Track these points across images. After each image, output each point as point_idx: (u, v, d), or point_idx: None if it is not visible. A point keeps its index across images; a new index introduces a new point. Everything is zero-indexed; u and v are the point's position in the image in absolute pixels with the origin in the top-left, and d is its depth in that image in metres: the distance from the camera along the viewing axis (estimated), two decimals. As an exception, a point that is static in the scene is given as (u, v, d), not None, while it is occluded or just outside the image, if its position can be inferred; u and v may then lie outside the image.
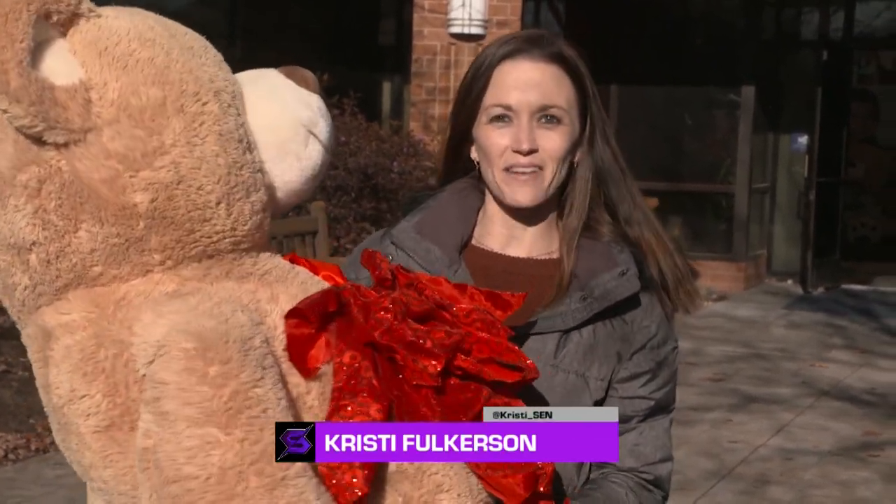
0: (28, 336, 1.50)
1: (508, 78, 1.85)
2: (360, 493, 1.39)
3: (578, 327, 1.84)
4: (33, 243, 1.43)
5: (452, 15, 10.18)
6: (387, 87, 12.55)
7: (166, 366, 1.33)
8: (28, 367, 6.14)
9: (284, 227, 6.50)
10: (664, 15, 12.22)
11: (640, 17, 11.96)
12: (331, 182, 8.51)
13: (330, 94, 9.20)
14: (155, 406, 1.33)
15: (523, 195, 1.85)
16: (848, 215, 13.48)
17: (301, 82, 1.59)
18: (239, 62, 1.65)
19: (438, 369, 1.45)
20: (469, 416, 1.45)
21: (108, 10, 1.49)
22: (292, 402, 1.43)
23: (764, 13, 12.02)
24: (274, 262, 1.56)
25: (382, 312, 1.49)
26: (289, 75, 1.60)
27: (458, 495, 1.50)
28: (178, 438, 1.32)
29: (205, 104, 1.46)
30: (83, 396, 1.41)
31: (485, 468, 1.50)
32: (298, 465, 1.35)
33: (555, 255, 1.90)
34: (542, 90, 1.84)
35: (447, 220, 1.93)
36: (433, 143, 9.82)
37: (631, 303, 1.86)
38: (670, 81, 11.95)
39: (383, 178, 8.89)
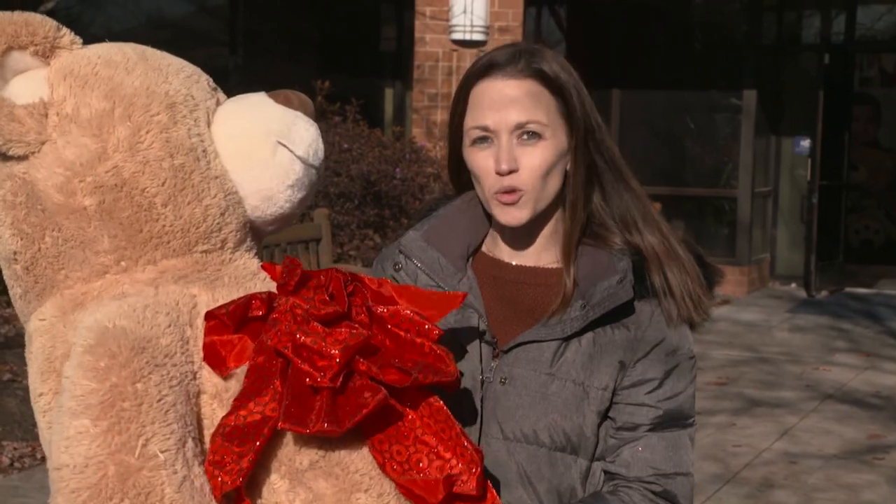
0: (26, 342, 1.63)
1: (484, 98, 1.84)
2: (229, 488, 1.45)
3: (577, 335, 1.83)
4: (15, 253, 1.58)
5: (454, 21, 10.20)
6: (389, 94, 12.56)
7: (70, 361, 1.44)
8: (33, 376, 5.91)
9: (288, 235, 6.51)
10: (666, 20, 12.23)
11: (642, 22, 11.97)
12: (334, 189, 8.52)
13: (332, 101, 9.21)
14: (58, 399, 1.45)
15: (511, 217, 1.83)
16: (851, 218, 13.47)
17: (283, 101, 1.67)
18: (240, 70, 1.68)
19: (332, 372, 1.47)
20: (357, 418, 1.47)
21: (95, 45, 1.63)
22: (211, 398, 1.51)
23: (765, 17, 12.03)
24: (234, 269, 1.64)
25: (277, 315, 1.53)
26: (273, 96, 1.68)
27: (379, 495, 1.54)
28: (62, 429, 1.42)
29: (154, 115, 1.58)
30: (40, 395, 1.54)
31: (401, 471, 1.52)
32: (162, 457, 1.42)
33: (557, 264, 1.89)
34: (518, 107, 1.81)
35: (455, 229, 1.94)
36: (435, 150, 9.83)
37: (631, 310, 1.84)
38: (672, 86, 11.95)
39: (386, 185, 8.90)
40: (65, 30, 1.60)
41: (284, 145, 1.65)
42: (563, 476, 1.81)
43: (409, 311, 1.59)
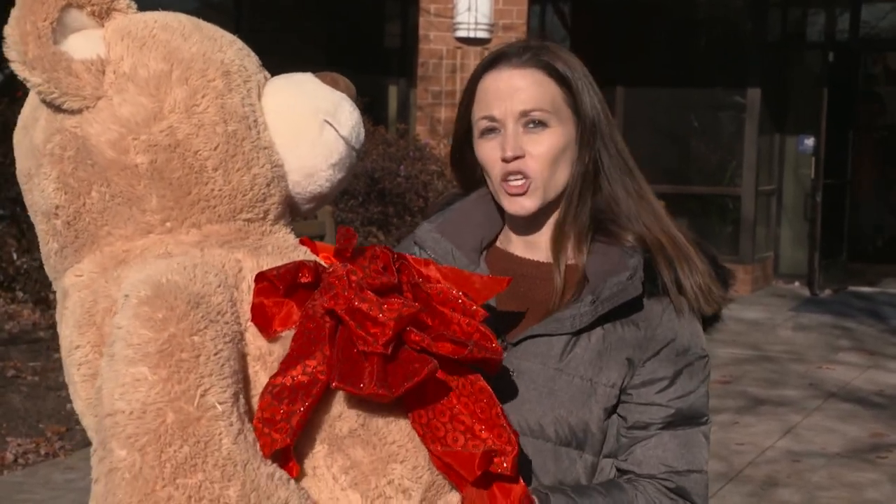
0: (57, 299, 1.64)
1: (490, 89, 1.86)
2: (280, 446, 1.47)
3: (587, 330, 1.83)
4: (57, 207, 1.59)
5: (458, 19, 10.20)
6: (393, 91, 12.57)
7: (123, 312, 1.45)
8: (37, 372, 6.19)
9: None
10: (669, 17, 12.22)
11: (646, 19, 11.97)
12: (337, 186, 8.52)
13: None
14: (108, 349, 1.45)
15: (519, 206, 1.85)
16: (855, 217, 13.47)
17: (330, 83, 1.70)
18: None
19: (385, 339, 1.49)
20: (408, 386, 1.48)
21: (149, 11, 1.66)
22: (255, 360, 1.53)
23: (770, 15, 12.02)
24: (276, 239, 1.66)
25: (334, 279, 1.54)
26: (320, 76, 1.71)
27: (414, 467, 1.56)
28: (117, 376, 1.42)
29: (210, 80, 1.60)
30: (77, 347, 1.54)
31: (440, 444, 1.53)
32: (220, 409, 1.43)
33: (571, 261, 1.90)
34: (523, 96, 1.84)
35: (469, 222, 1.96)
36: (439, 147, 9.83)
37: (641, 307, 1.84)
38: (676, 83, 11.95)
39: (390, 182, 8.91)
40: None
41: (331, 124, 1.67)
42: (568, 471, 1.82)
43: (455, 291, 1.61)
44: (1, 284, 8.51)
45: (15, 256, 8.39)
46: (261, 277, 1.53)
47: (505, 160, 1.83)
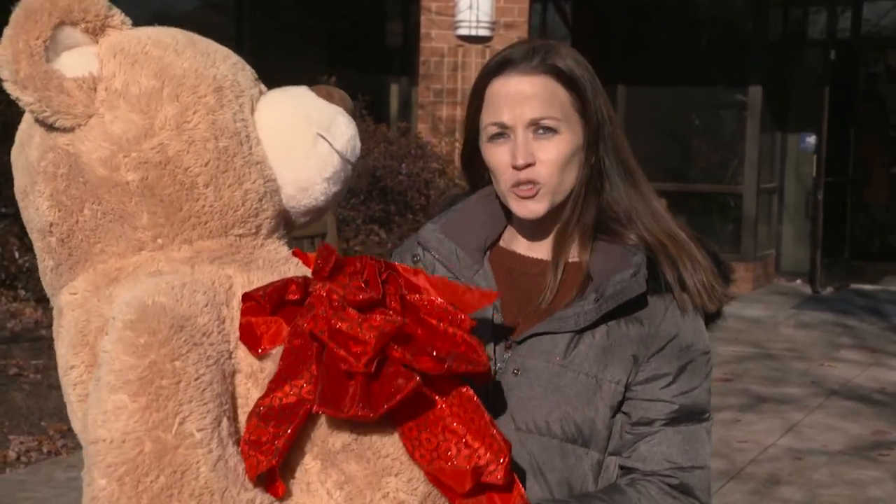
0: (53, 316, 1.65)
1: (499, 95, 1.86)
2: (265, 468, 1.47)
3: (591, 328, 1.84)
4: (51, 224, 1.59)
5: (460, 17, 10.20)
6: (394, 90, 12.56)
7: (109, 335, 1.45)
8: (39, 370, 6.19)
9: (294, 230, 6.51)
10: (671, 16, 12.23)
11: (648, 17, 11.97)
12: (339, 184, 8.52)
13: (338, 97, 9.21)
14: (96, 372, 1.46)
15: (528, 210, 1.86)
16: (856, 215, 13.47)
17: (325, 96, 1.71)
18: (246, 65, 1.70)
19: (367, 357, 1.48)
20: (391, 404, 1.48)
21: (144, 27, 1.65)
22: (247, 377, 1.52)
23: (771, 13, 12.02)
24: (267, 253, 1.65)
25: (313, 299, 1.54)
26: (315, 90, 1.71)
27: (409, 480, 1.55)
28: (100, 402, 1.43)
29: (201, 97, 1.59)
30: (72, 367, 1.54)
31: (430, 459, 1.53)
32: (198, 436, 1.43)
33: (575, 258, 1.91)
34: (533, 103, 1.84)
35: (473, 222, 1.97)
36: (441, 145, 9.84)
37: (645, 304, 1.85)
38: (677, 82, 11.95)
39: (391, 180, 8.91)
40: (115, 10, 1.62)
41: (325, 138, 1.67)
42: (575, 468, 1.82)
43: (441, 301, 1.60)
44: (3, 282, 8.52)
45: (17, 255, 8.40)
46: (247, 297, 1.53)
47: (516, 168, 1.84)
